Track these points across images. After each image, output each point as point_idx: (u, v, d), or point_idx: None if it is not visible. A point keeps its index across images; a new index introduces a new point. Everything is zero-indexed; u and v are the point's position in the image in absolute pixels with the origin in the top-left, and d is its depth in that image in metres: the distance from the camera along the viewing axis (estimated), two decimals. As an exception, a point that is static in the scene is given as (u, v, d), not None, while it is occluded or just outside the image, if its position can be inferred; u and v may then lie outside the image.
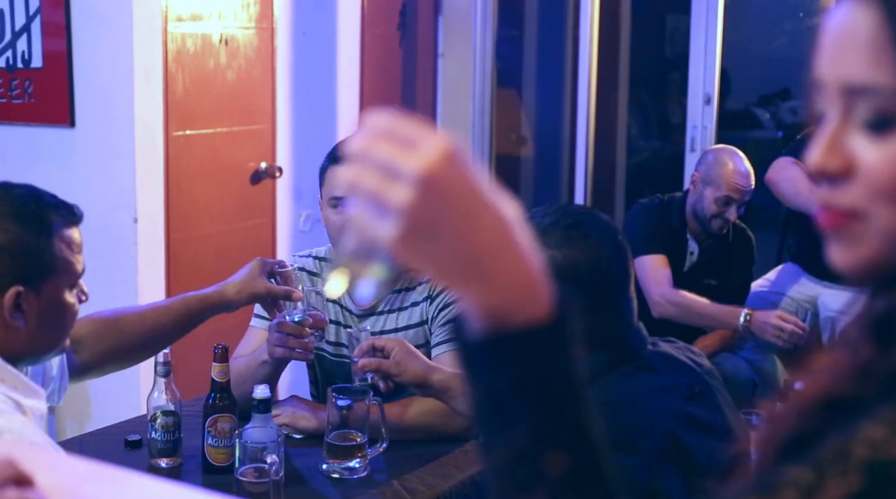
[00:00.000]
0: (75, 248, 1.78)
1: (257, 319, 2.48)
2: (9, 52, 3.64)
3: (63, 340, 1.82)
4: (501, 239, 0.75)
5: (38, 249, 1.71)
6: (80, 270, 1.80)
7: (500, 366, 0.77)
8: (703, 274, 3.53)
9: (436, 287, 2.44)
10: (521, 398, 0.76)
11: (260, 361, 2.32)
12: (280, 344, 2.24)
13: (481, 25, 4.90)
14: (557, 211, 1.69)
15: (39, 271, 1.72)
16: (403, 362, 2.09)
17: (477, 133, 4.95)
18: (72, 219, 1.78)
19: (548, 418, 0.77)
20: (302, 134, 4.18)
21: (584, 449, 0.78)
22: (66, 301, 1.77)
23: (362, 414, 2.13)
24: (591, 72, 4.67)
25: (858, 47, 0.74)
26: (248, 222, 4.02)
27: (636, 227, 3.50)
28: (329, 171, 2.44)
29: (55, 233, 1.74)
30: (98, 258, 3.58)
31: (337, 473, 2.12)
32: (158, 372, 2.15)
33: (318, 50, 4.27)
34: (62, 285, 1.76)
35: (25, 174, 3.69)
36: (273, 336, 2.25)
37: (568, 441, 0.77)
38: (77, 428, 3.64)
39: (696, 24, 4.45)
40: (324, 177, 2.46)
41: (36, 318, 1.72)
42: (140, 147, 3.55)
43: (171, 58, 3.62)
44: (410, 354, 2.11)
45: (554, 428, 0.77)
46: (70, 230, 1.77)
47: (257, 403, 2.04)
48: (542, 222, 1.67)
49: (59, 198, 1.79)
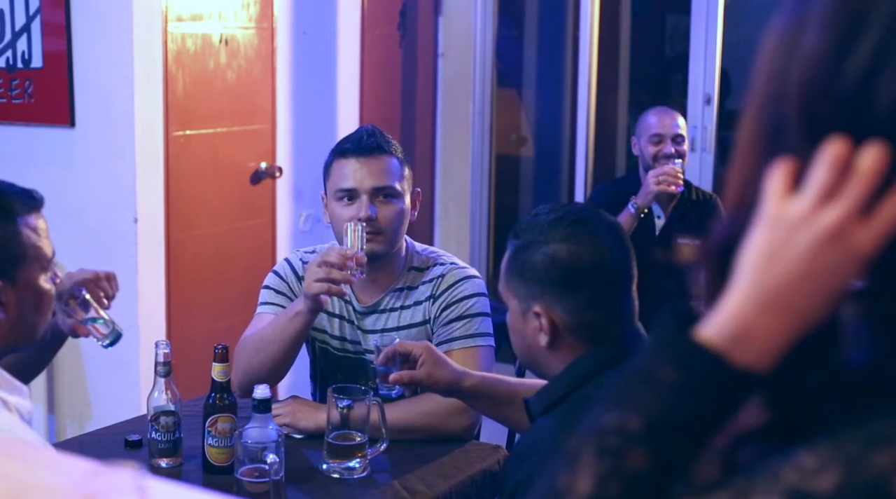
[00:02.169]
0: (41, 232, 1.78)
1: (266, 306, 2.48)
2: (9, 52, 3.64)
3: (42, 326, 1.82)
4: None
5: (5, 240, 1.71)
6: (50, 253, 1.79)
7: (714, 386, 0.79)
8: (676, 234, 3.64)
9: (438, 286, 2.44)
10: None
11: (292, 315, 2.29)
12: (322, 278, 2.20)
13: (481, 25, 4.90)
14: (563, 208, 1.72)
15: (12, 262, 1.72)
16: (434, 373, 2.03)
17: (477, 133, 4.95)
18: (33, 204, 1.78)
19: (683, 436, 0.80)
20: (302, 134, 4.18)
21: (672, 472, 0.80)
22: (41, 287, 1.77)
23: (362, 414, 2.13)
24: (591, 72, 4.67)
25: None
26: (248, 222, 4.02)
27: (594, 204, 3.67)
28: (335, 165, 2.44)
29: (20, 221, 1.73)
30: (98, 258, 3.58)
31: (337, 473, 2.12)
32: (158, 372, 2.15)
33: (318, 50, 4.27)
34: (35, 272, 1.76)
35: (25, 174, 3.70)
36: (313, 271, 2.22)
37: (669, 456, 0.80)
38: (77, 428, 3.64)
39: (696, 24, 4.45)
40: (328, 171, 2.46)
41: (16, 308, 1.73)
42: (140, 147, 3.55)
43: (171, 58, 3.62)
44: (439, 363, 2.04)
45: (674, 442, 0.80)
46: (33, 216, 1.77)
47: (257, 403, 2.04)
48: (548, 217, 1.69)
49: (17, 185, 1.79)
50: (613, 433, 0.80)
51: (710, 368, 0.78)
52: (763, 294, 0.77)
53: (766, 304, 0.77)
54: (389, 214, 2.39)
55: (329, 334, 2.50)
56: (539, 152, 5.56)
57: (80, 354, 3.65)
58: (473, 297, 2.42)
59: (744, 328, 0.78)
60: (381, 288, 2.47)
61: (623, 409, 0.80)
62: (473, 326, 2.39)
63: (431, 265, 2.48)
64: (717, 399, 0.78)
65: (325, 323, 2.49)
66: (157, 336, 3.43)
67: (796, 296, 0.76)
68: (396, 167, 2.43)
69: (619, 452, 0.79)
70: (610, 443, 0.79)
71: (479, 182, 4.99)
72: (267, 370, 2.30)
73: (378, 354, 2.08)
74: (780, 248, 0.76)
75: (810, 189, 0.75)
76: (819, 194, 0.74)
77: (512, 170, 5.45)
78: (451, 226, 5.01)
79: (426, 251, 2.53)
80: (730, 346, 0.78)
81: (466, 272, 2.46)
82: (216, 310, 3.89)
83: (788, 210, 0.76)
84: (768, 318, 0.77)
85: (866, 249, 0.74)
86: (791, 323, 0.77)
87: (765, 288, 0.77)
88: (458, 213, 5.00)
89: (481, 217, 5.02)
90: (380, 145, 2.42)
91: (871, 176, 0.73)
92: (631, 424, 0.79)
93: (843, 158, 0.74)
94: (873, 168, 0.73)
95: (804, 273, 0.75)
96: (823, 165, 0.75)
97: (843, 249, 0.74)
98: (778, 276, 0.76)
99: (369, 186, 2.38)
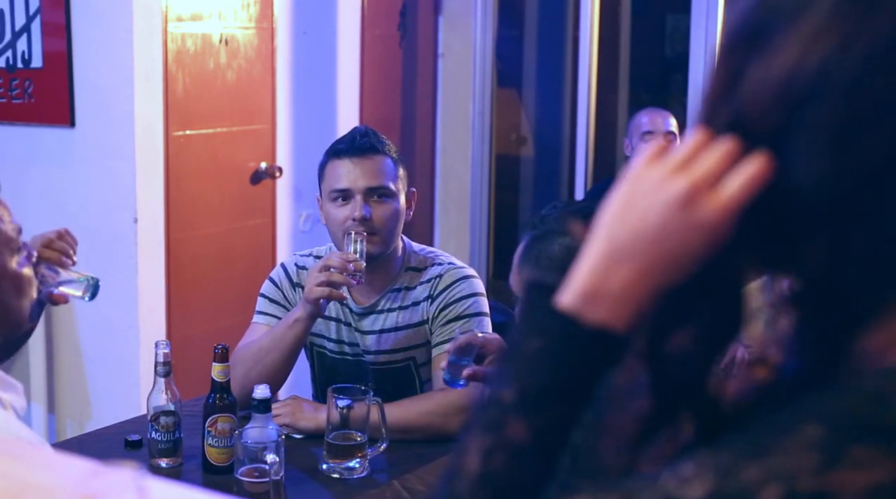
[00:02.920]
0: (2, 216, 1.74)
1: (260, 316, 2.48)
2: (9, 52, 3.64)
3: (27, 309, 1.79)
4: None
5: None
6: (15, 232, 1.75)
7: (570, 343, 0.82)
8: None
9: (436, 287, 2.44)
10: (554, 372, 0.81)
11: (290, 322, 2.32)
12: (323, 282, 2.23)
13: (481, 25, 4.90)
14: (581, 202, 1.76)
15: None
16: None
17: (477, 133, 4.95)
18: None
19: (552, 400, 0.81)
20: (302, 134, 4.18)
21: (552, 439, 0.81)
22: (13, 270, 1.73)
23: (362, 414, 2.13)
24: (591, 72, 4.66)
25: None
26: (248, 222, 4.02)
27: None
28: (329, 166, 2.44)
29: None
30: (98, 258, 3.58)
31: (337, 473, 2.12)
32: (158, 372, 2.15)
33: (318, 50, 4.27)
34: (5, 257, 1.73)
35: (25, 174, 3.71)
36: (314, 277, 2.25)
37: (544, 423, 0.81)
38: (77, 428, 3.64)
39: (696, 24, 4.45)
40: (323, 173, 2.46)
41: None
42: (140, 147, 3.55)
43: (171, 58, 3.62)
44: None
45: (544, 408, 0.81)
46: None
47: (257, 403, 2.04)
48: (567, 210, 1.72)
49: None
50: (492, 406, 0.82)
51: (564, 330, 0.80)
52: (612, 251, 0.80)
53: (614, 260, 0.80)
54: (384, 214, 2.39)
55: (326, 338, 2.50)
56: (539, 152, 5.56)
57: (80, 354, 3.65)
58: (471, 297, 2.42)
59: (594, 285, 0.80)
60: (378, 289, 2.47)
61: (500, 382, 0.82)
62: (471, 327, 2.39)
63: (429, 265, 2.48)
64: (579, 360, 0.80)
65: (321, 327, 2.49)
66: (157, 336, 3.43)
67: (643, 256, 0.79)
68: (390, 167, 2.43)
69: (499, 424, 0.81)
70: (490, 416, 0.81)
71: (479, 182, 4.99)
72: (266, 380, 2.30)
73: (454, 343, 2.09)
74: (633, 207, 0.80)
75: (671, 157, 0.80)
76: (677, 163, 0.79)
77: (512, 170, 5.45)
78: (451, 226, 5.01)
79: (423, 251, 2.53)
80: (582, 305, 0.80)
81: (464, 272, 2.46)
82: (216, 310, 3.89)
83: (648, 172, 0.80)
84: (617, 274, 0.79)
85: (712, 218, 0.77)
86: (640, 280, 0.79)
87: (614, 245, 0.80)
88: (458, 213, 5.00)
89: (481, 217, 5.02)
90: (373, 145, 2.43)
91: (723, 154, 0.78)
92: (506, 395, 0.81)
93: (705, 140, 0.80)
94: (727, 149, 0.78)
95: (651, 234, 0.78)
96: (687, 140, 0.80)
97: (690, 216, 0.78)
98: (627, 233, 0.79)
99: (363, 186, 2.39)
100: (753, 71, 0.78)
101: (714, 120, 0.81)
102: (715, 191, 0.78)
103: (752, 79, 0.78)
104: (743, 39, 0.80)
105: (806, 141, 0.75)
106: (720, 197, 0.77)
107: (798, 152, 0.76)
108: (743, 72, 0.79)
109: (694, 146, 0.80)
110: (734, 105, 0.79)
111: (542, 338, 0.81)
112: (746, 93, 0.78)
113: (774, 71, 0.77)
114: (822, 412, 0.72)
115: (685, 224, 0.78)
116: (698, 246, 0.78)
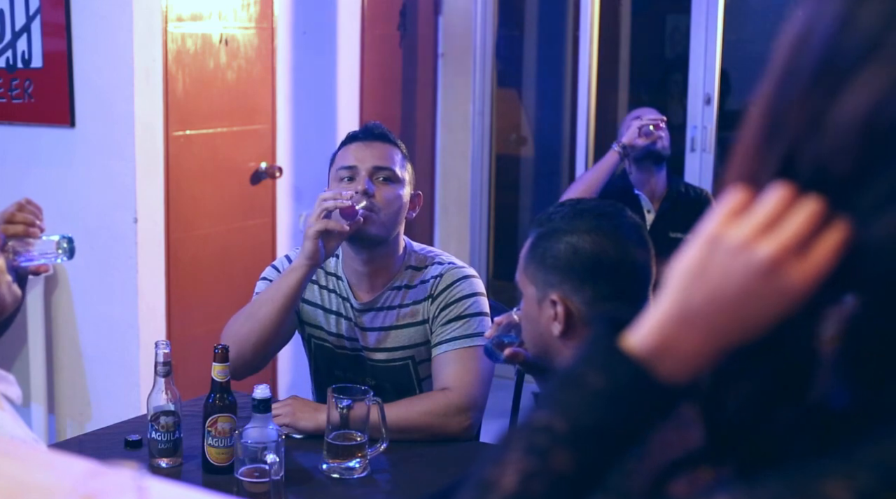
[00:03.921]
0: None
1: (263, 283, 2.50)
2: (9, 52, 3.64)
3: (6, 293, 1.78)
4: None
5: None
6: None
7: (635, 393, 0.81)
8: (668, 228, 3.65)
9: (436, 286, 2.44)
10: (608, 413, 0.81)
11: (288, 271, 2.33)
12: (318, 214, 2.26)
13: (481, 25, 4.90)
14: (589, 201, 1.76)
15: None
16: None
17: (477, 133, 4.95)
18: None
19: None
20: (302, 134, 4.18)
21: (594, 474, 0.81)
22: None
23: (362, 414, 2.13)
24: (591, 72, 4.67)
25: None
26: (248, 222, 4.02)
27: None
28: (340, 151, 2.50)
29: None
30: (98, 258, 3.58)
31: (337, 473, 2.12)
32: (158, 372, 2.15)
33: (318, 50, 4.27)
34: None
35: (25, 174, 3.70)
36: (312, 215, 2.28)
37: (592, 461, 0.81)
38: (77, 428, 3.64)
39: (696, 24, 4.45)
40: (333, 159, 2.51)
41: None
42: (140, 147, 3.55)
43: (171, 58, 3.62)
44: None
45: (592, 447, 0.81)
46: None
47: (257, 403, 2.04)
48: (574, 208, 1.72)
49: None
50: (541, 432, 0.81)
51: (633, 377, 0.79)
52: (687, 311, 0.78)
53: (689, 321, 0.78)
54: (387, 196, 2.40)
55: (326, 331, 2.50)
56: (539, 152, 5.56)
57: (80, 354, 3.65)
58: (471, 296, 2.42)
59: (665, 341, 0.79)
60: (378, 285, 2.47)
61: (553, 409, 0.82)
62: (472, 326, 2.39)
63: (429, 264, 2.48)
64: (639, 408, 0.80)
65: (321, 320, 2.49)
66: (157, 336, 3.43)
67: (719, 318, 0.77)
68: (399, 157, 2.47)
69: (545, 451, 0.80)
70: (537, 441, 0.81)
71: (479, 182, 4.99)
72: (255, 337, 2.32)
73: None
74: (712, 269, 0.77)
75: (753, 218, 0.76)
76: (761, 225, 0.75)
77: (512, 170, 5.45)
78: (451, 226, 5.01)
79: (424, 251, 2.54)
80: (652, 357, 0.79)
81: (464, 272, 2.46)
82: (216, 310, 3.88)
83: (729, 233, 0.76)
84: (690, 334, 0.78)
85: (797, 286, 0.74)
86: (712, 342, 0.78)
87: (689, 305, 0.78)
88: (458, 213, 5.00)
89: (481, 217, 5.02)
90: (385, 135, 2.50)
91: (810, 217, 0.74)
92: (558, 424, 0.81)
93: (790, 198, 0.75)
94: (813, 210, 0.74)
95: (730, 298, 0.76)
96: (770, 198, 0.76)
97: (774, 283, 0.75)
98: (704, 296, 0.77)
99: (370, 165, 2.41)
100: (836, 110, 0.73)
101: (763, 170, 0.77)
102: (801, 258, 0.74)
103: (835, 119, 0.74)
104: (819, 77, 0.75)
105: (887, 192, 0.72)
106: (807, 265, 0.74)
107: (878, 206, 0.72)
108: (823, 113, 0.74)
109: (777, 205, 0.75)
110: (813, 151, 0.75)
111: (605, 377, 0.80)
112: (830, 135, 0.74)
113: (862, 107, 0.72)
114: (872, 461, 0.71)
115: (768, 291, 0.75)
116: (779, 312, 0.75)
